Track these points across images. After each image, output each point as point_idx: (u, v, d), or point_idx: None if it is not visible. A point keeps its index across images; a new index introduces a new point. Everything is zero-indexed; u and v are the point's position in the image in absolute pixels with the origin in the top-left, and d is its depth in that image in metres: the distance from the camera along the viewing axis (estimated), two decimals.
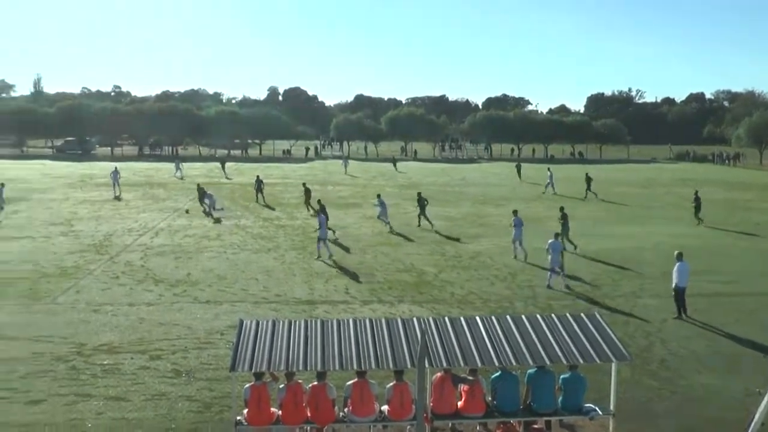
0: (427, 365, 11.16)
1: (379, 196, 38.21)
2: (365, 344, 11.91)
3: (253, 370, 11.57)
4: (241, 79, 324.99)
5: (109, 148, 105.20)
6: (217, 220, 37.67)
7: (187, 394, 14.42)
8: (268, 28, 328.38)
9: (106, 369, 15.71)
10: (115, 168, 51.55)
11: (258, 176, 49.71)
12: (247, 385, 11.91)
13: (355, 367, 11.59)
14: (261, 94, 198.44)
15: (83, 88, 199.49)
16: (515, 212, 29.75)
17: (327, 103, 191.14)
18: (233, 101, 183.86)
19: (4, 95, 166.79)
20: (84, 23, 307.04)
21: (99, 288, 22.89)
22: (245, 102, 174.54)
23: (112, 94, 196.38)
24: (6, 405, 13.76)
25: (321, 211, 30.55)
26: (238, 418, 11.88)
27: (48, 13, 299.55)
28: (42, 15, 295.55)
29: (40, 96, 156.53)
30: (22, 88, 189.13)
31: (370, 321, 12.69)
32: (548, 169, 57.84)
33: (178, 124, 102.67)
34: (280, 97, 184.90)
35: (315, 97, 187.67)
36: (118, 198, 47.07)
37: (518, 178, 65.27)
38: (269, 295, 22.26)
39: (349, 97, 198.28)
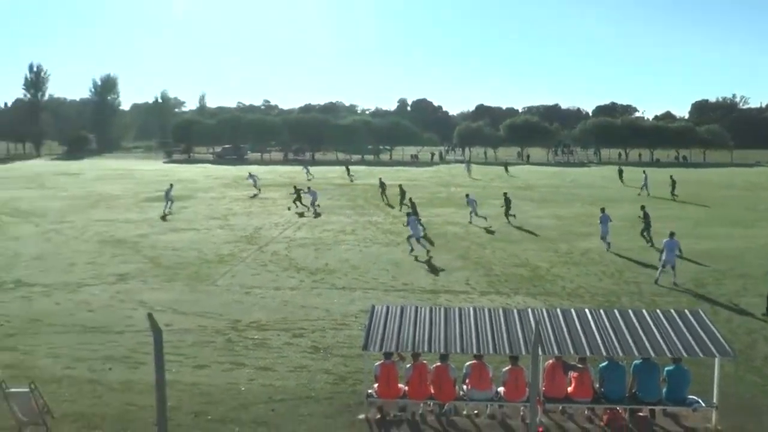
0: (540, 352, 10.94)
1: (468, 195, 38.36)
2: (484, 331, 11.81)
3: (383, 350, 11.71)
4: (374, 93, 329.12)
5: (260, 154, 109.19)
6: (318, 214, 38.79)
7: (324, 368, 14.77)
8: (399, 45, 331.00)
9: (256, 343, 16.36)
10: (249, 173, 54.19)
11: (380, 179, 50.42)
12: (378, 363, 12.06)
13: (474, 351, 11.51)
14: (391, 106, 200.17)
15: (238, 102, 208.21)
16: (603, 210, 29.30)
17: (451, 113, 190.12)
18: (367, 112, 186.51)
19: (176, 110, 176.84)
20: (240, 46, 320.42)
21: (250, 273, 23.85)
22: (377, 113, 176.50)
23: (262, 107, 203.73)
24: (178, 367, 14.65)
25: (412, 213, 30.75)
26: (369, 391, 12.07)
27: (210, 39, 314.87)
28: (205, 40, 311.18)
29: (204, 110, 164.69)
30: (190, 104, 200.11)
31: (489, 310, 12.57)
32: (644, 171, 55.28)
33: (318, 133, 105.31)
34: (409, 108, 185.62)
35: (440, 108, 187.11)
36: (256, 195, 48.93)
37: (620, 181, 62.63)
38: (397, 284, 22.44)
39: (471, 107, 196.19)
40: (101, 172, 71.24)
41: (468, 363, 12.01)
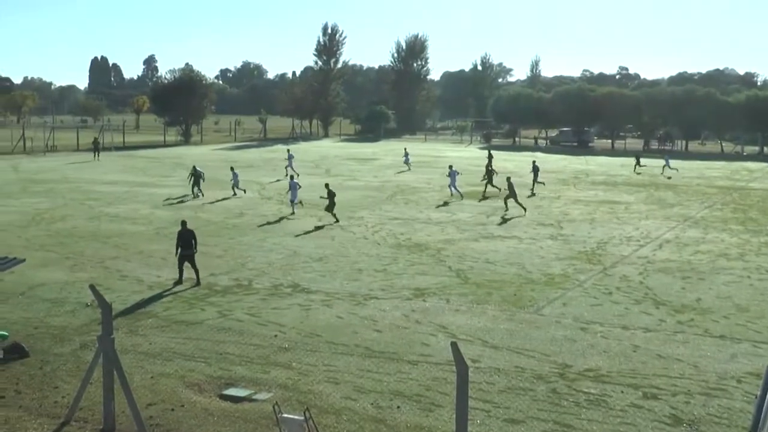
0: None
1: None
2: None
3: None
4: None
5: (609, 140, 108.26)
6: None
7: None
8: None
9: (590, 399, 16.19)
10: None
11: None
12: None
13: None
14: None
15: (584, 70, 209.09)
16: None
17: None
18: None
19: (500, 80, 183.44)
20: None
21: (588, 303, 23.76)
22: None
23: (617, 77, 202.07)
24: (484, 418, 15.12)
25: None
26: None
27: None
28: None
29: (537, 80, 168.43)
30: (519, 72, 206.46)
31: None
32: None
33: (695, 113, 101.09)
34: None
35: None
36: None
37: None
38: None
39: None
40: (399, 158, 76.43)
41: None
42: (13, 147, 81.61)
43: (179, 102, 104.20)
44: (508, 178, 43.99)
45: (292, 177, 44.24)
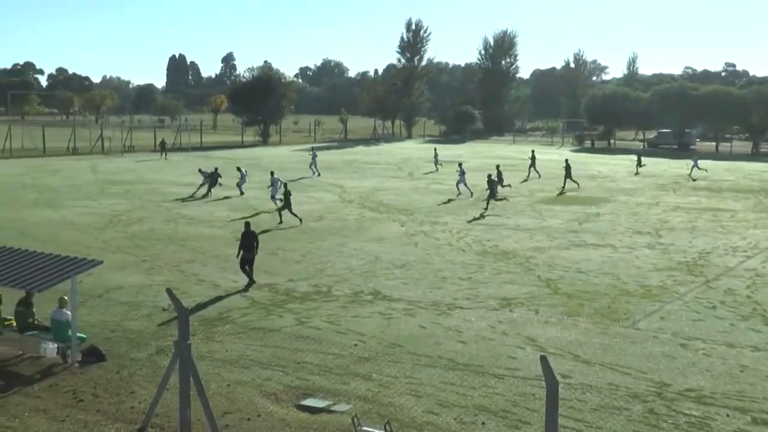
0: None
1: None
2: None
3: None
4: None
5: (713, 143, 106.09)
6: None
7: None
8: None
9: (691, 422, 15.87)
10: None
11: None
12: None
13: None
14: None
15: (686, 67, 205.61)
16: None
17: None
18: None
19: (594, 78, 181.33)
20: None
21: (689, 317, 23.31)
22: None
23: (723, 74, 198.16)
24: None
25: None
26: None
27: None
28: None
29: (634, 78, 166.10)
30: (615, 70, 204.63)
31: None
32: None
33: None
34: None
35: None
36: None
37: None
38: None
39: None
40: (484, 161, 76.31)
41: None
42: (91, 147, 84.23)
43: (258, 101, 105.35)
44: (489, 176, 46.77)
45: (272, 173, 45.82)
